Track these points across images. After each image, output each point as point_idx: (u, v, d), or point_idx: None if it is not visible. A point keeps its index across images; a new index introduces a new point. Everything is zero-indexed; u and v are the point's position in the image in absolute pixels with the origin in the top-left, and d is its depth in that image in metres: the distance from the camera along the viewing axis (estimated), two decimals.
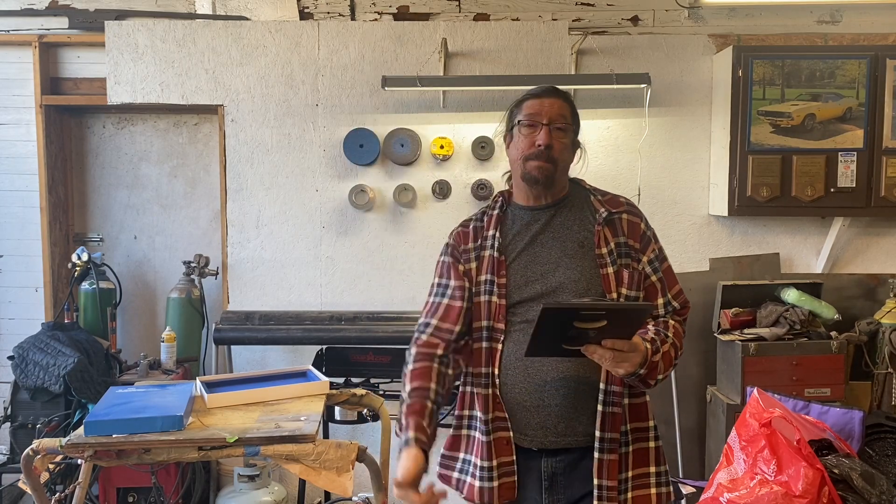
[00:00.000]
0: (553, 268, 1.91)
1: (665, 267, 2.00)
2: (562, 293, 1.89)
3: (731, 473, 2.83)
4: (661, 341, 1.84)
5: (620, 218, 1.97)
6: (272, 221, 4.03)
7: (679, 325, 1.95)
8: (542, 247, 1.95)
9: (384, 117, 3.98)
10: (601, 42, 3.94)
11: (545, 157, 1.91)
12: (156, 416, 2.08)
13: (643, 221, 2.01)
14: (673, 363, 1.87)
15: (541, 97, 1.97)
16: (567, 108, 1.98)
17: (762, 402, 2.90)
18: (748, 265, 3.98)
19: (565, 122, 1.95)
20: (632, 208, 2.01)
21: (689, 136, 3.99)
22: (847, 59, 3.68)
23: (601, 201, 1.99)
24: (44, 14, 4.03)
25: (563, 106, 1.97)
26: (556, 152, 1.92)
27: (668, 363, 1.84)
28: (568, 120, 1.96)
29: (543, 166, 1.92)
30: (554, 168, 1.93)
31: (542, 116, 1.93)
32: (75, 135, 4.27)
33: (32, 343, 3.58)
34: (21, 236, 4.16)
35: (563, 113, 1.96)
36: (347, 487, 2.07)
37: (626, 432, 1.91)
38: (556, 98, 1.97)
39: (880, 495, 2.70)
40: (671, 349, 1.86)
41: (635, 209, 2.02)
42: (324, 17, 4.03)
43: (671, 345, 1.86)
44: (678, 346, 1.90)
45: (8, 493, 3.77)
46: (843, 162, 3.68)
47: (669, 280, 1.98)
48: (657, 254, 2.00)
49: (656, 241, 2.03)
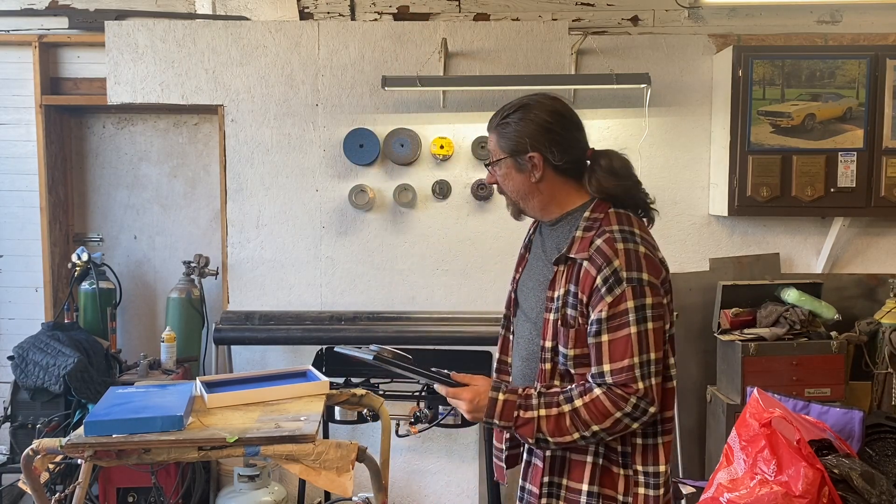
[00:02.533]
0: (529, 285, 1.92)
1: (614, 335, 1.68)
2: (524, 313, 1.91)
3: (731, 473, 2.83)
4: (550, 404, 1.70)
5: (581, 265, 1.74)
6: (272, 221, 4.03)
7: (608, 399, 1.67)
8: (536, 259, 1.94)
9: (384, 117, 3.98)
10: (601, 42, 3.94)
11: (500, 191, 1.92)
12: (156, 416, 2.08)
13: (601, 273, 1.69)
14: (571, 434, 1.69)
15: None
16: (493, 139, 1.87)
17: (762, 402, 2.90)
18: (748, 265, 3.98)
19: (494, 156, 1.87)
20: (597, 256, 1.71)
21: (689, 136, 3.99)
22: (847, 59, 3.68)
23: (578, 237, 1.77)
24: (44, 14, 4.03)
25: (490, 138, 1.89)
26: (501, 185, 1.89)
27: (558, 429, 1.69)
28: (496, 152, 1.86)
29: (507, 204, 1.93)
30: (510, 201, 1.90)
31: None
32: (75, 135, 4.27)
33: (32, 343, 3.58)
34: (21, 236, 4.16)
35: (490, 147, 1.89)
36: (347, 487, 2.07)
37: None
38: (489, 131, 1.90)
39: (880, 495, 2.70)
40: (568, 417, 1.68)
41: (601, 257, 1.71)
42: (324, 17, 4.03)
43: (572, 412, 1.68)
44: (588, 422, 1.67)
45: (8, 493, 3.77)
46: (843, 162, 3.68)
47: (614, 351, 1.68)
48: (605, 315, 1.68)
49: (616, 302, 1.68)
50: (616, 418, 1.67)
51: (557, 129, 1.81)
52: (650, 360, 1.68)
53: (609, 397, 1.68)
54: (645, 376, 1.67)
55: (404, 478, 4.06)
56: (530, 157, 1.81)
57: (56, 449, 2.03)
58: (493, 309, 4.01)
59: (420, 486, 4.09)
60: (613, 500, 1.76)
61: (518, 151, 1.81)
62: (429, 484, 4.11)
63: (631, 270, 1.69)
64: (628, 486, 1.76)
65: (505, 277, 4.00)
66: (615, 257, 1.69)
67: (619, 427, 1.69)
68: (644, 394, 1.67)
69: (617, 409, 1.67)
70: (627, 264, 1.69)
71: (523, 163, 1.81)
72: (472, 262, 4.04)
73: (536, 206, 1.87)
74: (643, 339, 1.68)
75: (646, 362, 1.68)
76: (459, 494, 4.09)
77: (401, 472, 4.05)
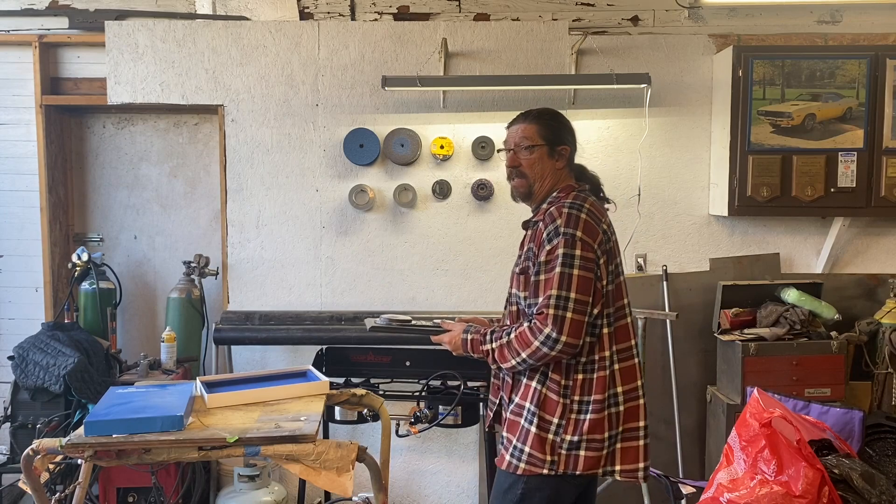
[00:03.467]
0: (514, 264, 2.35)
1: (547, 275, 2.13)
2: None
3: (731, 473, 2.83)
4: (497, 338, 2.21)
5: (537, 224, 2.22)
6: (272, 221, 4.03)
7: (529, 331, 2.13)
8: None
9: (384, 117, 3.98)
10: (601, 42, 3.94)
11: (515, 174, 2.33)
12: (156, 416, 2.08)
13: (547, 229, 2.16)
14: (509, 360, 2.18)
15: (510, 126, 2.38)
16: (531, 129, 2.30)
17: (762, 402, 2.90)
18: (748, 265, 3.98)
19: (529, 142, 2.29)
20: (547, 217, 2.19)
21: (689, 136, 3.99)
22: (847, 59, 3.68)
23: (543, 209, 2.25)
24: (44, 14, 4.03)
25: (526, 128, 2.31)
26: (524, 167, 2.31)
27: (502, 357, 2.20)
28: (534, 139, 2.29)
29: (516, 185, 2.34)
30: (525, 181, 2.31)
31: (509, 142, 2.34)
32: (75, 135, 4.27)
33: (32, 343, 3.58)
34: (21, 236, 4.16)
35: (525, 135, 2.30)
36: (347, 487, 2.07)
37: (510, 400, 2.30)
38: (520, 123, 2.34)
39: (880, 495, 2.70)
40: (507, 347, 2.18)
41: (549, 217, 2.18)
42: (324, 17, 4.03)
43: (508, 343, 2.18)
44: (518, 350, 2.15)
45: (8, 493, 3.77)
46: (843, 162, 3.68)
47: (544, 287, 2.13)
48: (543, 259, 2.15)
49: (552, 249, 2.13)
50: (535, 346, 2.11)
51: (573, 134, 2.38)
52: (568, 297, 2.09)
53: (531, 328, 2.13)
54: (559, 307, 2.09)
55: (404, 478, 4.06)
56: (562, 149, 2.31)
57: (56, 449, 2.03)
58: (494, 309, 4.01)
59: (420, 486, 4.09)
60: (549, 423, 2.18)
61: (555, 142, 2.30)
62: (429, 484, 4.11)
63: (568, 227, 2.13)
64: (565, 411, 2.17)
65: (505, 277, 4.01)
66: (559, 217, 2.15)
67: (539, 354, 2.11)
68: (554, 322, 2.08)
69: (534, 337, 2.11)
70: (566, 223, 2.14)
71: (555, 152, 2.30)
72: (472, 262, 4.04)
73: (545, 189, 2.31)
74: (565, 279, 2.10)
75: (563, 297, 2.09)
76: (459, 494, 4.09)
77: (401, 472, 4.05)
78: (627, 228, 4.00)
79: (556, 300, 2.09)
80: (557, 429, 2.17)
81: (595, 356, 2.18)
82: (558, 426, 2.17)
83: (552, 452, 2.17)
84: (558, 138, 2.30)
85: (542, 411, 2.18)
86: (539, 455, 2.17)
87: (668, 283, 3.93)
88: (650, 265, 4.02)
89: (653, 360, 3.91)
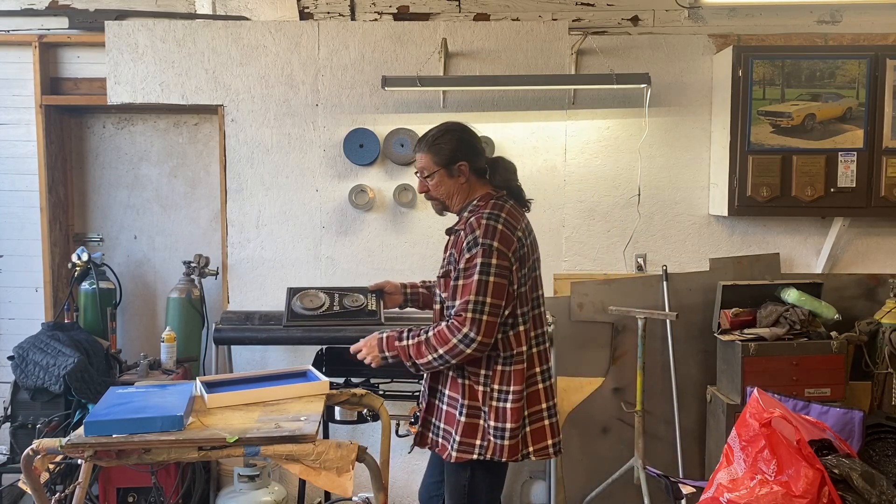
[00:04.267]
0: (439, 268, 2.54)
1: (465, 281, 2.32)
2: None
3: (731, 473, 2.83)
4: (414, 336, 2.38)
5: (459, 232, 2.41)
6: (272, 221, 4.03)
7: (447, 329, 2.32)
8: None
9: (384, 117, 3.98)
10: (601, 42, 3.94)
11: (430, 198, 2.54)
12: (156, 417, 2.08)
13: (467, 238, 2.34)
14: (426, 356, 2.35)
15: (414, 152, 2.59)
16: (426, 158, 2.48)
17: (762, 402, 2.90)
18: (748, 265, 3.98)
19: (427, 171, 2.49)
20: (468, 227, 2.36)
21: (689, 136, 3.99)
22: (847, 59, 3.68)
23: (465, 217, 2.44)
24: (44, 14, 4.03)
25: (422, 157, 2.50)
26: (432, 192, 2.51)
27: (419, 353, 2.35)
28: (429, 167, 2.48)
29: (434, 205, 2.56)
30: (439, 202, 2.53)
31: (417, 170, 2.54)
32: (75, 135, 4.27)
33: (32, 343, 3.58)
34: (21, 236, 4.16)
35: (423, 165, 2.50)
36: (347, 487, 2.07)
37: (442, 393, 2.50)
38: (419, 153, 2.52)
39: (880, 495, 2.70)
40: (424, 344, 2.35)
41: (469, 227, 2.35)
42: (324, 17, 4.03)
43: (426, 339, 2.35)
44: (435, 347, 2.33)
45: (8, 493, 3.77)
46: (843, 162, 3.69)
47: (462, 291, 2.32)
48: (463, 266, 2.34)
49: (471, 258, 2.32)
50: (453, 343, 2.30)
51: (472, 142, 2.51)
52: (484, 301, 2.30)
53: (449, 327, 2.32)
54: (476, 311, 2.29)
55: (404, 478, 4.06)
56: (460, 166, 2.46)
57: (56, 449, 2.03)
58: None
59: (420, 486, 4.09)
60: (477, 409, 2.40)
61: (451, 162, 2.45)
62: None
63: (486, 238, 2.32)
64: (485, 398, 2.39)
65: None
66: (478, 228, 2.33)
67: (456, 351, 2.31)
68: (472, 324, 2.29)
69: (453, 336, 2.30)
70: (484, 234, 2.32)
71: (454, 170, 2.46)
72: None
73: (458, 202, 2.50)
74: (482, 286, 2.30)
75: (480, 302, 2.30)
76: None
77: (401, 472, 4.05)
78: (627, 228, 4.00)
79: (474, 304, 2.29)
80: (483, 415, 2.39)
81: (513, 351, 2.40)
82: (485, 413, 2.39)
83: (482, 437, 2.39)
84: (453, 158, 2.45)
85: (470, 400, 2.40)
86: (469, 440, 2.39)
87: (668, 283, 3.93)
88: (650, 265, 4.02)
89: (653, 360, 3.91)
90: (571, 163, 4.00)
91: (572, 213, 4.02)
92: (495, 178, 2.50)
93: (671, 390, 3.88)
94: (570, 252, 4.03)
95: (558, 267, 4.03)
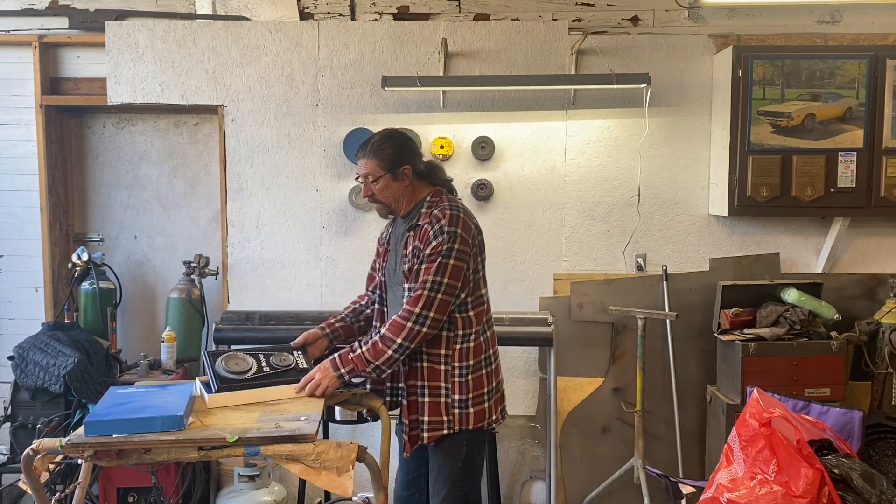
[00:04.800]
0: (392, 266, 2.64)
1: (429, 264, 2.45)
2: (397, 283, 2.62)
3: (731, 473, 2.83)
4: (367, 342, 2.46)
5: (423, 226, 2.52)
6: (272, 221, 4.03)
7: (400, 318, 2.44)
8: (395, 249, 2.65)
9: (384, 117, 3.98)
10: (601, 42, 3.94)
11: (372, 200, 2.63)
12: (156, 416, 2.08)
13: (433, 228, 2.47)
14: (386, 351, 2.42)
15: (357, 158, 2.62)
16: (371, 163, 2.56)
17: (762, 402, 2.90)
18: (748, 265, 3.98)
19: (373, 176, 2.56)
20: (433, 218, 2.49)
21: (689, 136, 3.99)
22: (847, 59, 3.68)
23: (424, 212, 2.55)
24: (44, 14, 4.03)
25: (367, 163, 2.57)
26: (378, 195, 2.59)
27: (376, 353, 2.43)
28: (375, 172, 2.56)
29: (378, 208, 2.65)
30: (384, 206, 2.61)
31: (361, 176, 2.61)
32: (75, 135, 4.27)
33: (32, 343, 3.58)
34: (21, 236, 4.16)
35: (368, 170, 2.57)
36: (347, 487, 2.07)
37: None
38: (363, 158, 2.59)
39: (880, 495, 2.70)
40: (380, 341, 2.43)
41: (434, 219, 2.49)
42: (324, 17, 4.03)
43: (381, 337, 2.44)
44: (392, 338, 2.42)
45: (8, 493, 3.77)
46: (843, 162, 3.69)
47: (423, 273, 2.45)
48: (428, 252, 2.46)
49: (438, 245, 2.45)
50: (409, 327, 2.41)
51: (413, 146, 2.64)
52: (442, 281, 2.44)
53: (401, 316, 2.43)
54: (432, 290, 2.43)
55: None
56: (404, 170, 2.56)
57: (56, 449, 2.03)
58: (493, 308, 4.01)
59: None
60: (438, 388, 2.52)
61: (395, 166, 2.55)
62: None
63: (451, 226, 2.47)
64: (447, 376, 2.51)
65: (505, 277, 4.02)
66: (443, 218, 2.48)
67: (413, 333, 2.42)
68: (425, 301, 2.42)
69: (406, 321, 2.42)
70: (450, 222, 2.48)
71: (398, 174, 2.56)
72: None
73: (404, 204, 2.60)
74: (441, 267, 2.44)
75: (437, 282, 2.43)
76: None
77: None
78: (627, 228, 4.00)
79: (431, 283, 2.43)
80: (446, 392, 2.51)
81: (470, 330, 2.54)
82: (446, 389, 2.51)
83: (446, 413, 2.51)
84: (397, 162, 2.55)
85: (430, 382, 2.52)
86: (436, 419, 2.51)
87: (668, 283, 3.93)
88: (650, 265, 4.02)
89: (653, 360, 3.91)
90: (571, 163, 4.00)
91: (572, 213, 4.02)
92: (434, 179, 2.64)
93: (671, 390, 3.88)
94: (570, 252, 4.03)
95: (558, 267, 4.03)
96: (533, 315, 3.87)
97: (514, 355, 4.04)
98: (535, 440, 4.04)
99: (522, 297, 4.03)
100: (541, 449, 4.02)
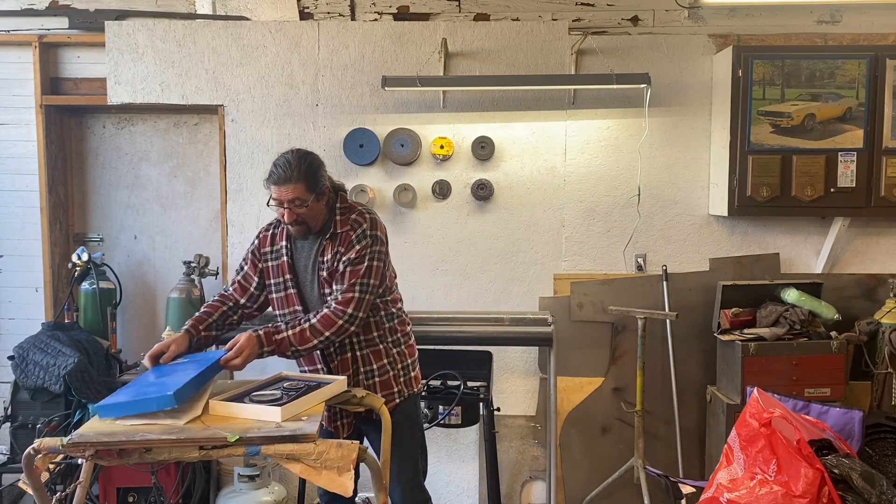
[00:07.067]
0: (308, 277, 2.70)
1: (356, 267, 2.57)
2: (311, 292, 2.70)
3: (731, 473, 2.83)
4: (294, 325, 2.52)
5: (345, 233, 2.63)
6: None
7: (332, 313, 2.53)
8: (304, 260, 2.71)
9: (384, 117, 3.98)
10: (601, 42, 3.94)
11: (298, 223, 2.62)
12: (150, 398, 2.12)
13: (355, 233, 2.60)
14: (311, 341, 2.51)
15: (279, 185, 2.57)
16: (300, 188, 2.56)
17: (762, 402, 2.90)
18: (748, 265, 3.98)
19: (303, 200, 2.57)
20: (354, 224, 2.62)
21: (689, 136, 3.99)
22: (847, 59, 3.68)
23: (339, 220, 2.65)
24: (44, 14, 4.03)
25: (295, 188, 2.56)
26: (303, 217, 2.60)
27: (302, 340, 2.50)
28: (305, 197, 2.56)
29: (298, 230, 2.65)
30: (306, 225, 2.63)
31: (283, 201, 2.57)
32: (75, 135, 4.27)
33: (32, 343, 3.58)
34: (21, 236, 4.16)
35: (297, 195, 2.56)
36: (348, 487, 2.07)
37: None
38: (289, 185, 2.56)
39: (880, 495, 2.70)
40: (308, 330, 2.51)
41: (356, 224, 2.62)
42: (324, 17, 4.03)
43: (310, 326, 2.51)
44: (321, 330, 2.51)
45: (8, 493, 3.77)
46: (843, 162, 3.69)
47: (351, 276, 2.57)
48: (353, 257, 2.58)
49: (362, 248, 2.59)
50: (339, 324, 2.53)
51: (321, 161, 2.69)
52: (369, 283, 2.59)
53: (334, 312, 2.54)
54: (362, 291, 2.57)
55: None
56: (323, 188, 2.63)
57: (58, 448, 2.03)
58: (493, 309, 4.01)
59: None
60: (384, 365, 2.71)
61: (318, 187, 2.61)
62: (429, 484, 4.09)
63: (372, 230, 2.63)
64: (388, 352, 2.73)
65: (505, 277, 4.02)
66: (364, 222, 2.63)
67: (341, 330, 2.54)
68: (357, 303, 2.56)
69: (338, 318, 2.53)
70: (370, 226, 2.63)
71: (320, 195, 2.62)
72: (471, 262, 4.04)
73: (320, 220, 2.66)
74: (368, 270, 2.60)
75: (366, 283, 2.58)
76: (459, 494, 4.09)
77: None
78: (627, 228, 4.00)
79: (360, 286, 2.57)
80: (391, 365, 2.72)
81: (393, 310, 2.75)
82: (391, 363, 2.72)
83: (395, 384, 2.72)
84: (319, 182, 2.62)
85: (377, 362, 2.70)
86: (389, 391, 2.71)
87: (668, 283, 3.93)
88: (650, 265, 4.02)
89: (653, 360, 3.91)
90: (571, 163, 4.00)
91: (572, 212, 4.02)
92: (332, 185, 2.73)
93: (671, 390, 3.88)
94: (570, 252, 4.03)
95: (558, 267, 4.03)
96: (533, 315, 3.88)
97: (514, 355, 4.04)
98: (535, 440, 4.04)
99: (522, 297, 4.03)
100: (541, 449, 4.02)
